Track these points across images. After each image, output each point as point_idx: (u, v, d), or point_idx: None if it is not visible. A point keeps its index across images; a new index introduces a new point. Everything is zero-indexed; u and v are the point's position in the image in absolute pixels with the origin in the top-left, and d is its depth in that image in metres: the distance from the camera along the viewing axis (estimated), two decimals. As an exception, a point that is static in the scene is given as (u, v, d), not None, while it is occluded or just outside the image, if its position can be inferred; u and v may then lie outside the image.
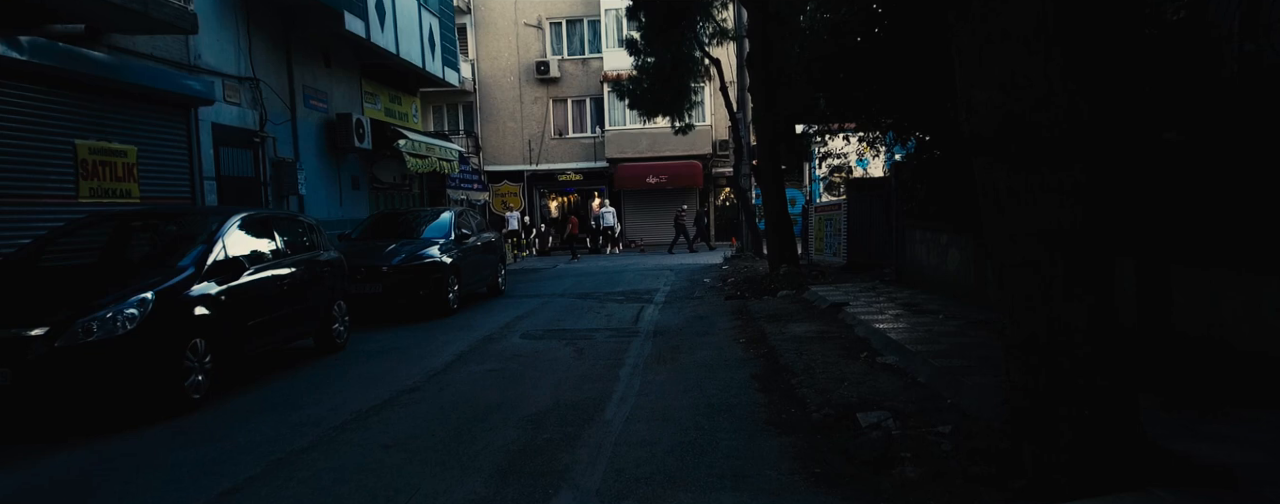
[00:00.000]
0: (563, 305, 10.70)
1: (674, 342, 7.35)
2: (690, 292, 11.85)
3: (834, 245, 12.73)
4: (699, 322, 8.65)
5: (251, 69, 11.11)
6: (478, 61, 26.97)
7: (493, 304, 10.97)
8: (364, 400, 5.29)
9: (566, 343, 7.51)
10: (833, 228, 12.75)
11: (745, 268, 14.60)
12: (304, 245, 7.07)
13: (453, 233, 10.45)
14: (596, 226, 24.66)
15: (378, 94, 15.97)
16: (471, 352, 7.21)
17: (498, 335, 8.14)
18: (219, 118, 10.35)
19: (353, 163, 14.58)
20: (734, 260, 17.09)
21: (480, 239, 11.48)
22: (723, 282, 12.66)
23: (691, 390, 5.29)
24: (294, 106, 12.38)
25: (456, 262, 10.09)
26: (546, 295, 11.96)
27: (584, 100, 27.17)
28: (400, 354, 7.20)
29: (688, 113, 18.67)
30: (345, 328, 7.45)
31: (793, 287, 10.48)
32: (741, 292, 10.90)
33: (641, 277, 14.80)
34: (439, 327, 8.88)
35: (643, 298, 11.26)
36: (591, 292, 12.30)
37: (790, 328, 7.34)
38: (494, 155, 27.30)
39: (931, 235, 8.64)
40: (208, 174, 10.01)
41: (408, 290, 9.26)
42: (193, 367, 5.04)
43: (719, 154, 26.35)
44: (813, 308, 8.61)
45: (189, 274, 5.21)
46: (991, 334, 5.81)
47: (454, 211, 11.02)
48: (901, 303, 7.96)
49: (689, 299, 10.90)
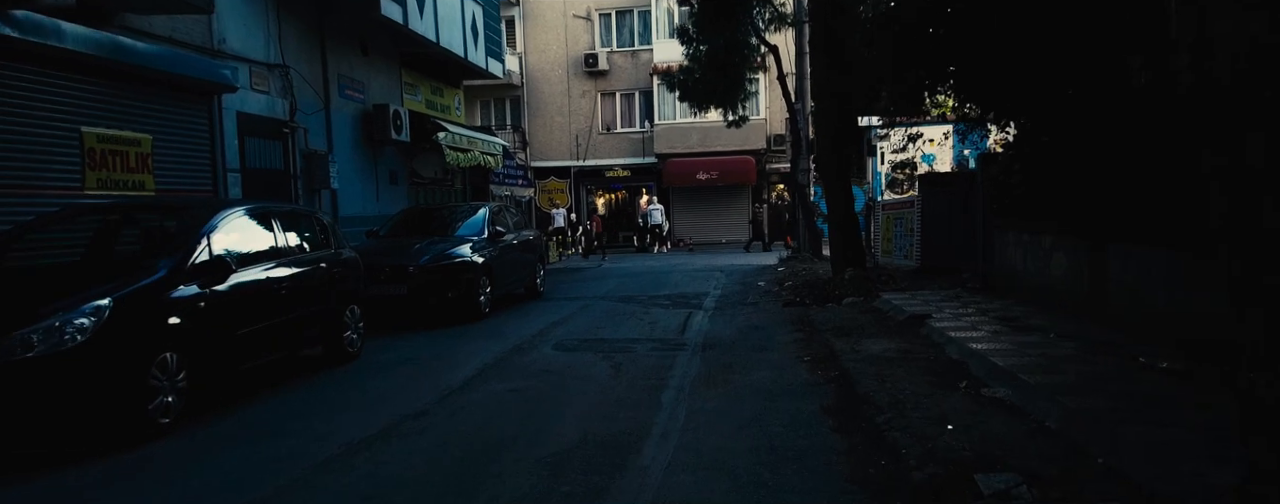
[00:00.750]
0: (604, 310, 9.80)
1: (726, 358, 6.37)
2: (743, 296, 10.81)
3: (904, 247, 11.51)
4: (754, 333, 7.64)
5: (281, 56, 10.54)
6: (525, 54, 26.36)
7: (529, 307, 10.16)
8: (360, 428, 4.48)
9: (603, 356, 6.60)
10: (903, 228, 11.53)
11: (803, 271, 13.46)
12: (313, 244, 6.34)
13: (486, 230, 9.67)
14: (644, 224, 23.76)
15: (418, 85, 15.37)
16: (497, 365, 6.37)
17: (528, 345, 7.28)
18: (245, 106, 9.79)
19: (391, 156, 13.99)
20: (790, 261, 15.94)
21: (517, 237, 10.69)
22: (779, 286, 11.58)
23: (749, 426, 4.31)
24: (328, 96, 11.81)
25: (489, 261, 9.30)
26: (587, 298, 11.10)
27: (633, 94, 26.29)
28: (417, 367, 6.41)
29: (742, 104, 17.58)
30: (359, 335, 6.70)
31: (860, 293, 9.35)
32: (801, 298, 9.82)
33: (690, 278, 13.81)
34: (467, 333, 8.09)
35: (691, 303, 10.28)
36: (636, 295, 11.38)
37: (864, 345, 6.26)
38: (541, 151, 26.67)
39: (1029, 237, 7.42)
40: (232, 166, 9.45)
41: (435, 292, 8.50)
42: (161, 386, 4.30)
43: (774, 149, 25.11)
44: (887, 320, 7.49)
45: (159, 277, 4.47)
46: (1135, 363, 4.65)
47: (490, 207, 10.25)
48: (996, 316, 6.78)
49: (742, 305, 9.87)
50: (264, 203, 6.42)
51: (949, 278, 9.96)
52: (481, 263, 9.09)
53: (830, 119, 10.70)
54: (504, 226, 10.24)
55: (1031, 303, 7.22)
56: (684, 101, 18.10)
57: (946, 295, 8.47)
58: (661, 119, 25.14)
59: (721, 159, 24.53)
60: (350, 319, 6.52)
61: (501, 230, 9.96)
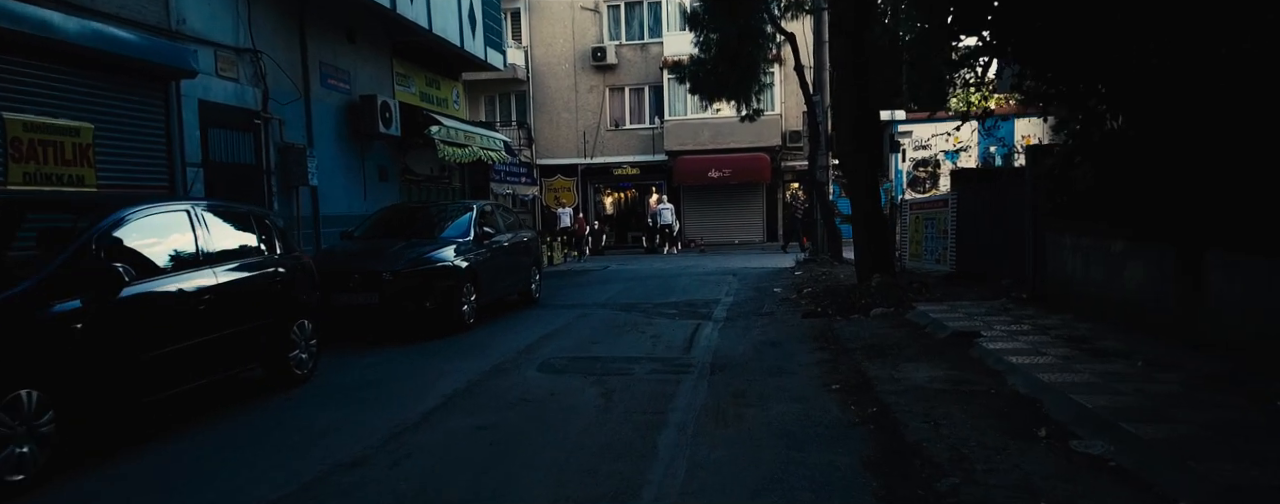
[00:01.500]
0: (602, 320, 8.83)
1: (738, 383, 5.37)
2: (757, 304, 9.80)
3: (936, 250, 10.45)
4: (771, 350, 6.63)
5: (251, 40, 9.65)
6: (531, 48, 25.45)
7: (520, 316, 9.19)
8: (270, 488, 3.52)
9: (594, 380, 5.63)
10: (934, 229, 10.47)
11: (823, 275, 12.42)
12: (254, 248, 5.40)
13: (473, 231, 8.71)
14: (653, 224, 22.77)
15: (412, 76, 14.47)
16: (468, 391, 5.41)
17: (511, 364, 6.32)
18: (209, 94, 8.90)
19: (380, 151, 13.09)
20: (807, 264, 14.89)
21: (510, 239, 9.73)
22: (797, 292, 10.55)
23: (770, 490, 3.31)
24: (307, 85, 10.91)
25: (475, 266, 8.35)
26: (587, 305, 10.12)
27: (642, 89, 25.30)
28: (373, 393, 5.46)
29: (755, 97, 16.54)
30: (310, 354, 5.76)
31: (890, 303, 8.32)
32: (823, 307, 8.79)
33: (700, 283, 12.80)
34: (443, 349, 7.14)
35: (699, 312, 9.29)
36: (639, 302, 10.39)
37: (904, 370, 5.24)
38: (547, 148, 25.74)
39: (1093, 241, 6.36)
40: (192, 159, 8.56)
41: (411, 301, 7.55)
42: (11, 433, 3.36)
43: (789, 146, 24.04)
44: (926, 337, 6.46)
45: (19, 292, 3.54)
46: (1271, 406, 3.60)
47: (479, 206, 9.29)
48: (1059, 336, 5.73)
49: (756, 315, 8.86)
50: (192, 200, 5.49)
51: (988, 286, 8.90)
52: (465, 268, 8.14)
53: (853, 109, 9.66)
54: (494, 227, 9.28)
55: (1096, 319, 6.16)
56: (694, 94, 17.08)
57: (991, 308, 7.42)
58: (672, 115, 24.13)
59: (734, 156, 23.49)
60: (299, 336, 5.58)
61: (490, 231, 9.01)
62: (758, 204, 24.96)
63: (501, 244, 9.34)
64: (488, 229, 8.91)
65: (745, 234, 24.92)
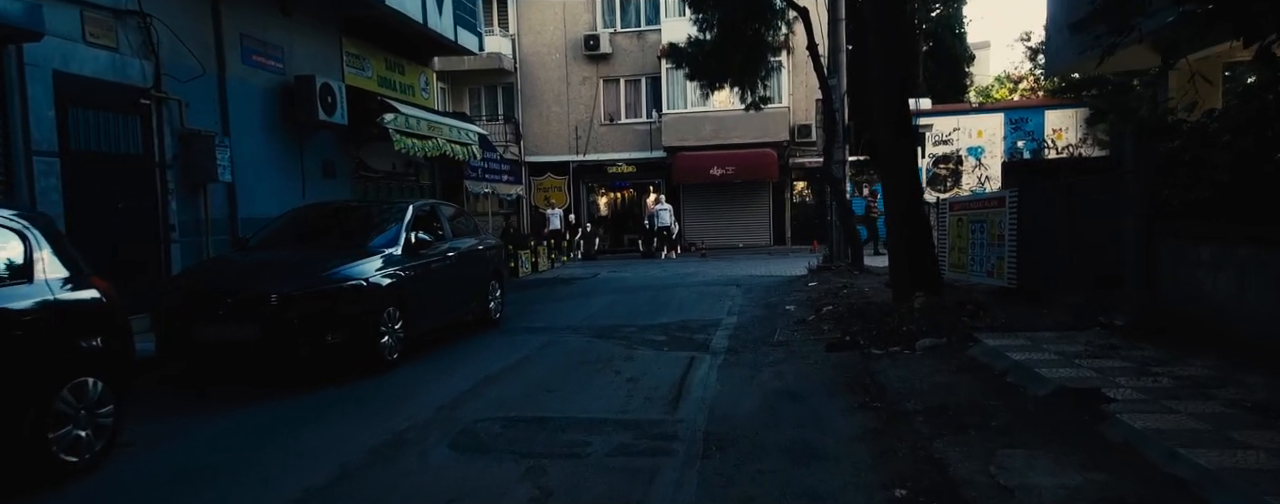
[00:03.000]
0: (571, 351, 6.91)
1: (745, 479, 3.45)
2: (767, 327, 7.87)
3: (987, 260, 8.51)
4: (790, 407, 4.71)
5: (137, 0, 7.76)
6: (518, 36, 23.56)
7: (466, 347, 7.27)
8: None
9: (528, 468, 3.71)
10: (985, 234, 8.52)
11: (843, 287, 10.47)
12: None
13: (403, 238, 6.79)
14: (650, 227, 20.84)
15: (368, 58, 12.58)
16: (326, 494, 3.50)
17: (418, 433, 4.40)
18: (71, 65, 7.02)
19: (325, 143, 11.21)
20: (822, 273, 12.92)
21: (458, 248, 7.81)
22: (815, 311, 8.61)
23: None
24: (222, 61, 9.02)
25: (403, 285, 6.43)
26: (557, 329, 8.21)
27: (639, 80, 23.37)
28: (185, 497, 3.55)
29: (762, 83, 14.61)
30: (92, 431, 3.81)
31: (941, 331, 6.38)
32: (851, 334, 6.86)
33: (698, 297, 10.87)
34: (339, 402, 5.23)
35: (695, 339, 7.36)
36: (622, 323, 8.46)
37: (1010, 466, 3.30)
38: (536, 144, 23.85)
39: (1250, 253, 4.43)
40: (43, 147, 6.69)
41: (306, 335, 5.63)
42: None
43: (798, 141, 22.09)
44: (1013, 393, 4.52)
45: None
46: None
47: (414, 207, 7.36)
48: (1235, 401, 3.78)
49: (766, 345, 6.93)
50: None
51: (1061, 308, 6.96)
52: (387, 287, 6.23)
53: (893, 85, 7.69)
54: (435, 233, 7.37)
55: (1265, 363, 4.22)
56: (692, 80, 15.15)
57: (1085, 343, 5.47)
58: (671, 108, 22.21)
59: (739, 153, 21.55)
60: (68, 408, 3.66)
61: (428, 239, 7.09)
62: (763, 204, 23.01)
63: (445, 255, 7.42)
64: (423, 236, 6.98)
65: (750, 237, 22.98)
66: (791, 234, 22.89)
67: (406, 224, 6.93)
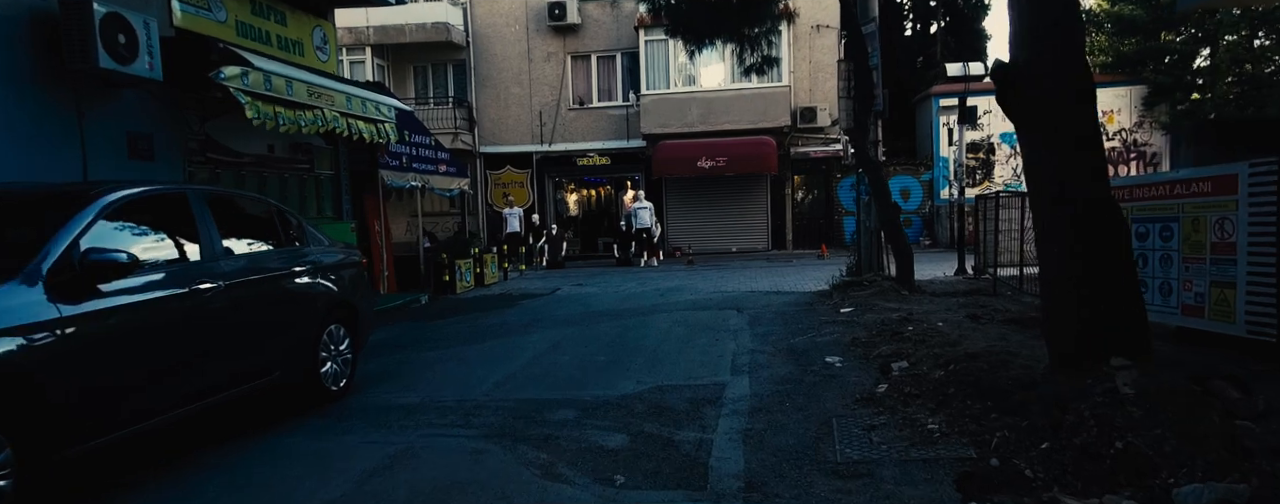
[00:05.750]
0: (422, 490, 3.37)
1: None
2: (809, 412, 4.36)
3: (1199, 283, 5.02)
4: None
5: None
6: (470, 5, 19.98)
7: (203, 473, 3.71)
8: None
9: None
10: (1177, 242, 5.04)
11: (900, 318, 6.98)
12: None
13: (51, 263, 3.19)
14: (627, 228, 17.33)
15: (221, -4, 8.94)
16: None
17: None
18: None
19: (134, 108, 7.61)
20: (850, 289, 9.41)
21: (226, 271, 4.21)
22: (880, 369, 5.13)
23: None
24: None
25: (52, 356, 2.85)
26: (435, 410, 4.65)
27: (613, 56, 19.87)
28: None
29: (764, 40, 11.15)
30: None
31: (1202, 448, 2.90)
32: (989, 439, 3.39)
33: (686, 332, 7.35)
34: None
35: (678, 450, 3.84)
36: (556, 397, 4.91)
37: None
38: (492, 132, 20.29)
39: None
40: None
41: None
42: None
43: (800, 126, 18.66)
44: None
45: None
46: None
47: (109, 199, 3.72)
48: None
49: (821, 467, 3.43)
50: None
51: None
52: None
53: None
54: (176, 248, 3.77)
55: None
56: (674, 36, 11.67)
57: None
58: (651, 88, 18.71)
59: (731, 140, 18.09)
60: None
61: (129, 261, 3.44)
62: (760, 202, 19.55)
63: (194, 286, 3.83)
64: (115, 256, 3.35)
65: (745, 240, 19.53)
66: (793, 236, 19.46)
67: (67, 236, 3.32)
